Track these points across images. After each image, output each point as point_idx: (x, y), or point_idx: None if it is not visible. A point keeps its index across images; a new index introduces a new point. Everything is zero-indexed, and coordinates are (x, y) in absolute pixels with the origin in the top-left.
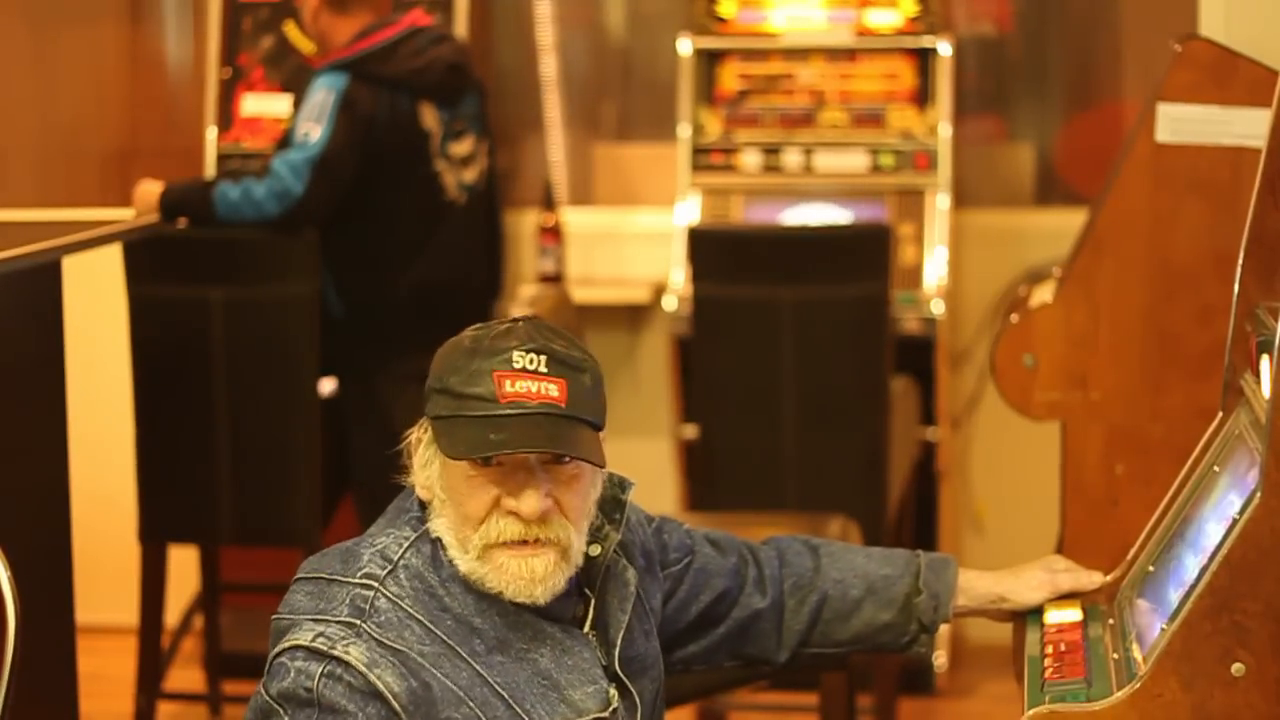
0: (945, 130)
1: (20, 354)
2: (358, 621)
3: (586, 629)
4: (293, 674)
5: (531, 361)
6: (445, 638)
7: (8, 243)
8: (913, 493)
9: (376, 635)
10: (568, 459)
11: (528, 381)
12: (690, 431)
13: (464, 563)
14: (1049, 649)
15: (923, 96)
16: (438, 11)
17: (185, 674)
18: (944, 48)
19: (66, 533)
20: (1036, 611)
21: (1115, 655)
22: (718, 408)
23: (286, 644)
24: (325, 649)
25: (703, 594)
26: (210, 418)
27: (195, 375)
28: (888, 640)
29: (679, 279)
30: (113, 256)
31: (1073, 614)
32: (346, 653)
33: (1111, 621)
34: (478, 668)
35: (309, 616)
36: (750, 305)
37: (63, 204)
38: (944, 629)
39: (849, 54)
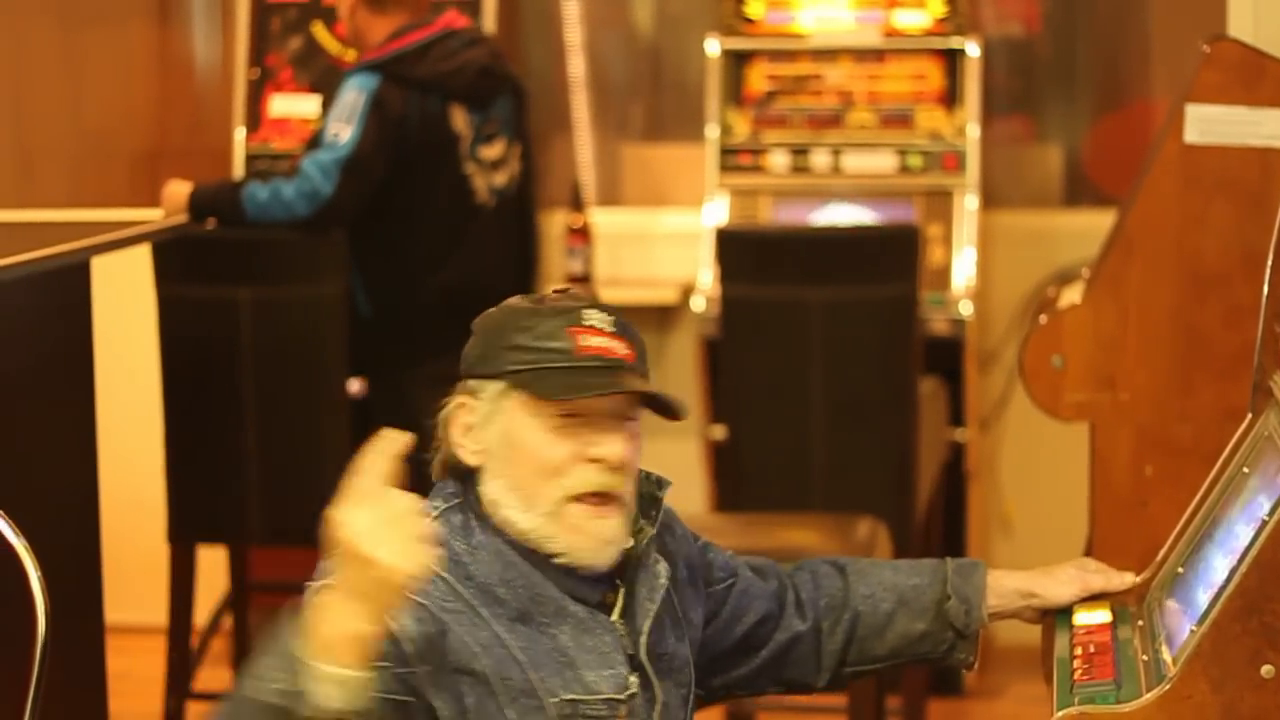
0: (973, 131)
1: (50, 354)
2: None
3: (615, 617)
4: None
5: (601, 321)
6: (469, 598)
7: (38, 243)
8: (941, 494)
9: None
10: (634, 417)
11: (602, 338)
12: (718, 432)
13: (527, 520)
14: (1078, 650)
15: (951, 97)
16: (467, 12)
17: (214, 674)
18: (972, 48)
19: (96, 533)
20: (1065, 613)
21: (1144, 657)
22: (746, 409)
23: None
24: None
25: (746, 615)
26: (239, 418)
27: (224, 376)
28: (926, 650)
29: (707, 280)
30: (142, 257)
31: (1102, 615)
32: None
33: (1141, 623)
34: (497, 629)
35: None
36: (778, 306)
37: (92, 204)
38: None
39: (877, 55)
